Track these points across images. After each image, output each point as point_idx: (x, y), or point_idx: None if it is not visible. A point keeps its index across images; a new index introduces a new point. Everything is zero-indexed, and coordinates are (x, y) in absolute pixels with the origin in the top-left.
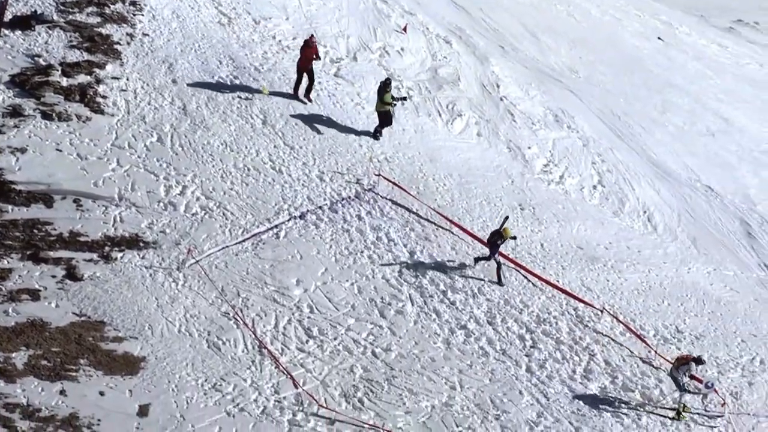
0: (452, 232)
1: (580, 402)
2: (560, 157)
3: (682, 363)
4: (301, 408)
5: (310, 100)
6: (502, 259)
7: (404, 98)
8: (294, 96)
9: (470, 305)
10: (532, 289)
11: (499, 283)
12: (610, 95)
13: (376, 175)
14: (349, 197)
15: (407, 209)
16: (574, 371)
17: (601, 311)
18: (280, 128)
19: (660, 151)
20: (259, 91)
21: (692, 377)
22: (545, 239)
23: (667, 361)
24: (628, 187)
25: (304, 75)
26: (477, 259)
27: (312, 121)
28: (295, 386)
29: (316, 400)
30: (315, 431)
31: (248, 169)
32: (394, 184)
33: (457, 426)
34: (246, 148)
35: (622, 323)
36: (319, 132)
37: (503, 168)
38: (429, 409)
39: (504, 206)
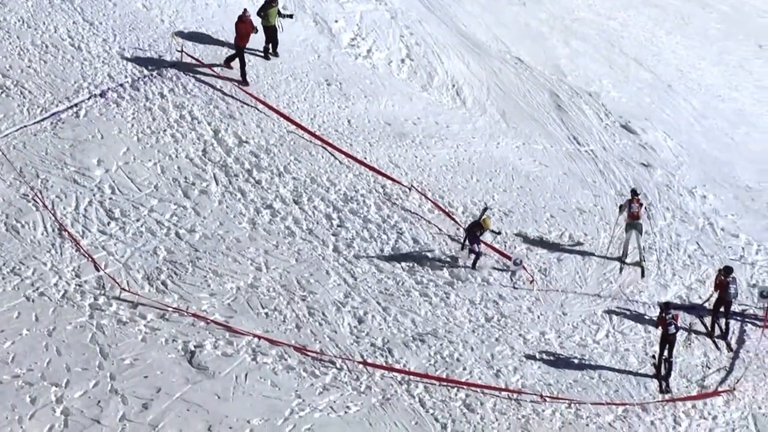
0: (257, 109)
1: (388, 281)
2: (368, 31)
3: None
4: (102, 291)
5: (246, 83)
6: (483, 249)
7: (290, 15)
8: (227, 66)
9: (276, 184)
10: (339, 166)
11: (473, 267)
12: None
13: (178, 51)
14: (152, 74)
15: (211, 86)
16: (382, 250)
17: (409, 188)
18: (78, 3)
19: (469, 22)
20: None
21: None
22: (352, 115)
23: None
24: (437, 61)
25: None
26: (470, 251)
27: None
28: (97, 269)
29: (118, 284)
30: (117, 315)
31: (46, 46)
32: (197, 61)
33: (263, 308)
34: (44, 24)
35: (430, 200)
36: (119, 7)
37: (309, 42)
38: (234, 291)
39: (310, 81)
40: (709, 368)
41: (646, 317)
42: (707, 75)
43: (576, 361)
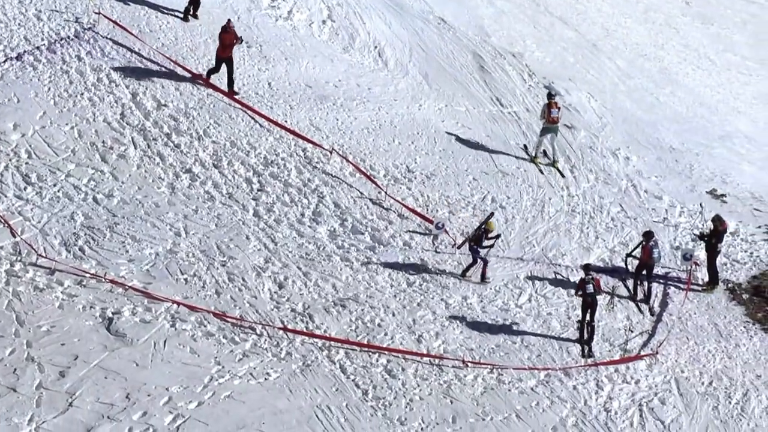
0: (176, 72)
1: (309, 246)
2: None
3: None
4: (19, 258)
5: (235, 93)
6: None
7: None
8: (206, 80)
9: (195, 148)
10: (260, 130)
11: (483, 279)
12: None
13: (96, 13)
14: (68, 37)
15: (129, 49)
16: (302, 214)
17: (330, 152)
18: None
19: None
20: None
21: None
22: (273, 78)
23: (399, 202)
24: (359, 21)
25: (223, 65)
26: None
27: None
28: (13, 235)
29: (34, 250)
30: (34, 281)
31: None
32: (114, 23)
33: (183, 273)
34: None
35: (352, 164)
36: None
37: (229, 3)
38: (153, 257)
39: None
40: (631, 332)
41: (569, 281)
42: (633, 33)
43: (498, 325)
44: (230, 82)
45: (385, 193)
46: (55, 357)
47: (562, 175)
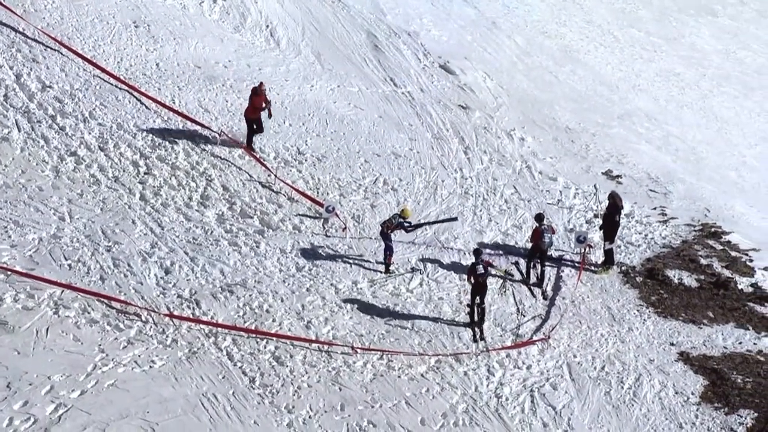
0: (61, 53)
1: (196, 230)
2: None
3: None
4: None
5: (252, 150)
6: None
7: None
8: (247, 148)
9: (81, 130)
10: (147, 112)
11: (386, 270)
12: None
13: None
14: None
15: (13, 29)
16: (190, 198)
17: (219, 134)
18: None
19: None
20: None
21: None
22: (161, 58)
23: (289, 185)
24: (251, 0)
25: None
26: (387, 268)
27: None
28: None
29: None
30: None
31: None
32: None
33: (66, 259)
34: None
35: (241, 146)
36: None
37: None
38: (36, 242)
39: (117, 23)
40: (524, 316)
41: (462, 265)
42: (535, 10)
43: (389, 310)
44: (251, 139)
45: (275, 175)
46: None
47: None
